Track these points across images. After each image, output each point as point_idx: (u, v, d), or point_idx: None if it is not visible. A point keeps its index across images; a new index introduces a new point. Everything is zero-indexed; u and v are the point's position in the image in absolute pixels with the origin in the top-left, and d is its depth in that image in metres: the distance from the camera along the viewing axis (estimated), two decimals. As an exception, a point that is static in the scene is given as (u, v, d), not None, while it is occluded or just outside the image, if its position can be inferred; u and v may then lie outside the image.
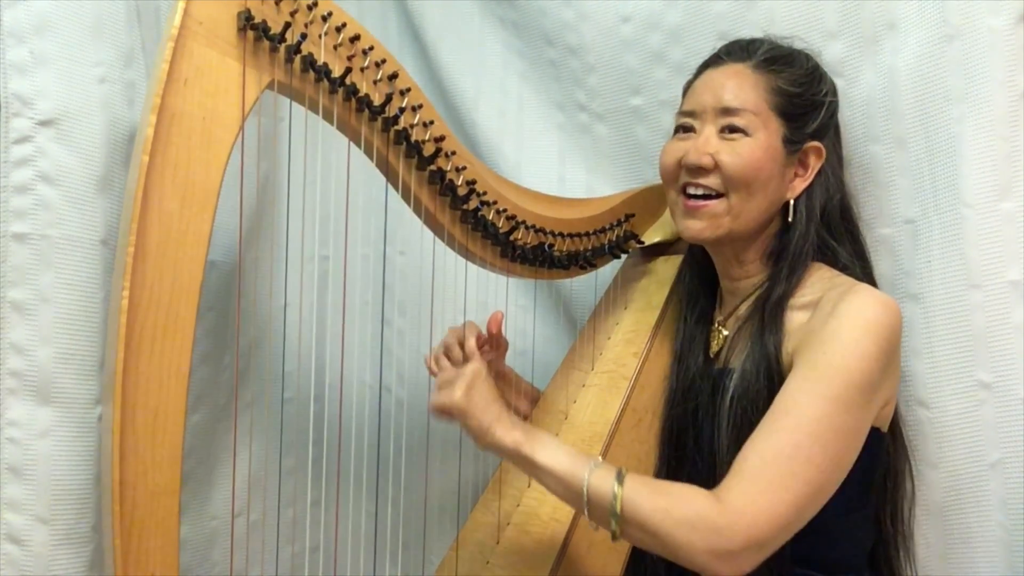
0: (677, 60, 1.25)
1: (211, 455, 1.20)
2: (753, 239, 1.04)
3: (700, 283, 1.14)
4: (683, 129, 1.06)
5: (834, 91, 1.06)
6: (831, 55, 1.12)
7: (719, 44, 1.09)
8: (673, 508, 0.85)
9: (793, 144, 1.01)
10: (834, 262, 1.03)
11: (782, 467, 0.86)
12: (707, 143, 1.01)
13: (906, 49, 1.07)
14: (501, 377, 1.21)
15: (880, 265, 1.09)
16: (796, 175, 1.03)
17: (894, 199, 1.09)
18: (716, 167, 1.00)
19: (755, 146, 0.99)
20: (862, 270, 1.04)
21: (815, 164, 1.02)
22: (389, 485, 1.32)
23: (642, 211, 1.23)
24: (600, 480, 0.88)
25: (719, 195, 1.01)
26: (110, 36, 1.01)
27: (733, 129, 1.00)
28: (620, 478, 0.87)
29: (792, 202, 1.02)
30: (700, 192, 1.02)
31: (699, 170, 1.01)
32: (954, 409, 1.03)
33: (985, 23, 1.01)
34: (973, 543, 1.03)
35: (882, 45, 1.10)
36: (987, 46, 1.01)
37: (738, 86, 1.01)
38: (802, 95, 1.02)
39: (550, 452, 0.90)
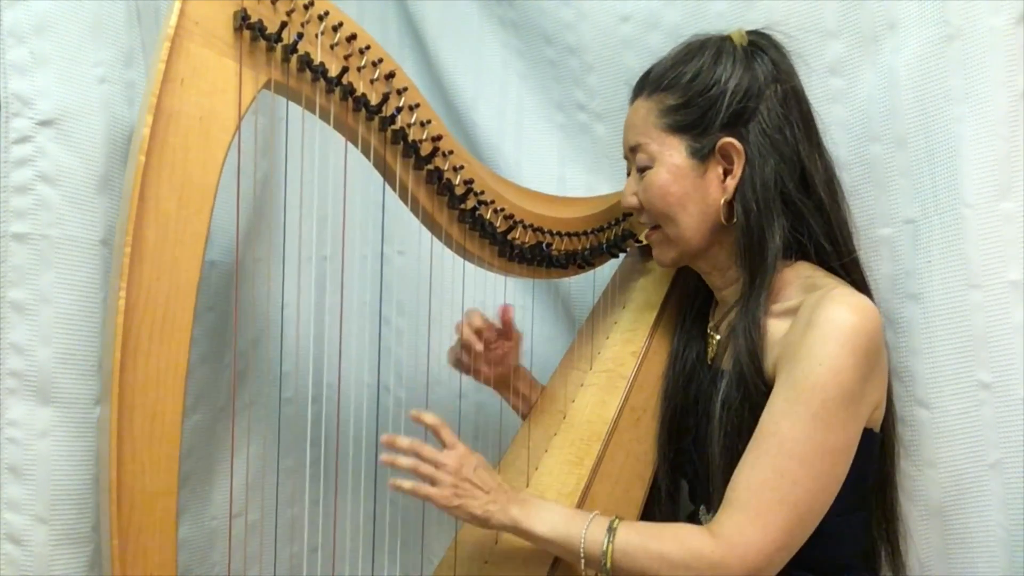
0: (676, 60, 1.25)
1: (210, 455, 1.20)
2: (714, 249, 1.03)
3: (696, 287, 1.14)
4: (627, 172, 1.10)
5: (743, 70, 0.99)
6: (831, 55, 1.12)
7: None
8: (669, 553, 0.90)
9: (701, 151, 1.00)
10: (810, 252, 1.00)
11: (768, 493, 0.88)
12: (629, 186, 1.07)
13: (906, 49, 1.07)
14: (518, 375, 1.21)
15: (880, 265, 1.09)
16: (726, 174, 1.00)
17: (894, 199, 1.09)
18: (642, 205, 1.05)
19: (656, 176, 1.02)
20: (832, 247, 1.00)
21: (737, 159, 0.99)
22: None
23: (641, 210, 1.23)
24: (594, 536, 0.93)
25: (657, 226, 1.05)
26: (110, 36, 1.01)
27: (642, 168, 1.04)
28: (612, 533, 0.92)
29: (728, 204, 0.99)
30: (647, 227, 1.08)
31: (633, 211, 1.08)
32: (954, 409, 1.03)
33: (985, 23, 1.01)
34: (973, 543, 1.03)
35: (882, 45, 1.10)
36: (987, 46, 1.01)
37: (634, 123, 1.05)
38: (690, 102, 0.99)
39: (546, 521, 0.95)
